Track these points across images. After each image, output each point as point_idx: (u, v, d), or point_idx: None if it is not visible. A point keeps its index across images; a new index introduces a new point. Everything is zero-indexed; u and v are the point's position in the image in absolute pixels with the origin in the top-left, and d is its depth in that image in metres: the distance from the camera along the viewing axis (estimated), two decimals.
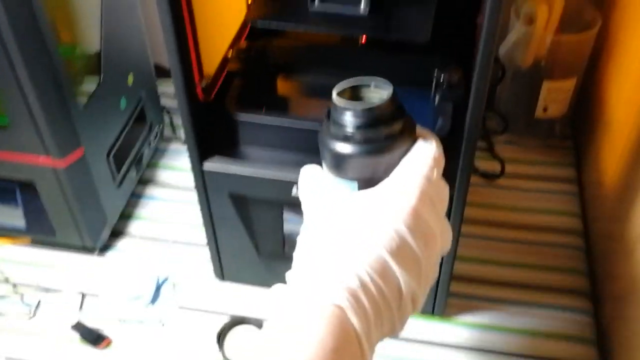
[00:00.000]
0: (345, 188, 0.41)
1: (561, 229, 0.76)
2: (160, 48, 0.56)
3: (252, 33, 0.68)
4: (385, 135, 0.40)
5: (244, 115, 0.59)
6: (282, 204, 0.62)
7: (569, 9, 0.76)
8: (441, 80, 0.58)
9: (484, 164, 0.84)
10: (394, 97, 0.40)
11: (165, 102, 0.90)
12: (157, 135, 0.84)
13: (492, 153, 0.84)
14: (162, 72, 0.83)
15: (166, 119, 0.90)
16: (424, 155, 0.40)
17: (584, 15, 0.78)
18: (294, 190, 0.59)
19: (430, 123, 0.59)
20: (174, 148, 0.89)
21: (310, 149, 0.59)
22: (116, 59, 0.71)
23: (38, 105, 0.59)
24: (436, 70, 0.58)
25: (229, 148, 0.61)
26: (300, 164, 0.59)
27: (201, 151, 0.59)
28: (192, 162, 0.60)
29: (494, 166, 0.83)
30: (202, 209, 0.65)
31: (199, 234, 0.71)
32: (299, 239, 0.42)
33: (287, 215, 0.64)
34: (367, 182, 0.41)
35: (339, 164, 0.41)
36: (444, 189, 0.42)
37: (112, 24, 0.69)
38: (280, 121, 0.59)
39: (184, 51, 0.53)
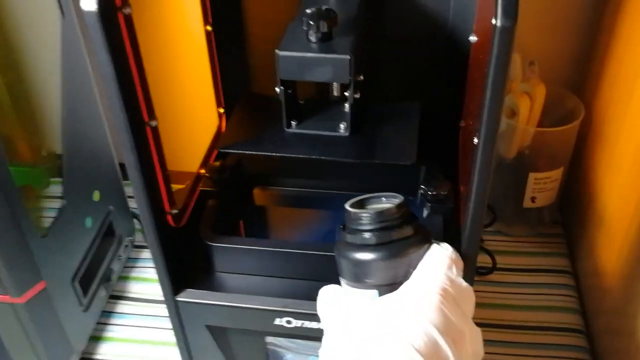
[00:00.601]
0: (367, 299, 0.42)
1: (561, 328, 0.72)
2: None
3: None
4: (400, 237, 0.42)
5: (220, 241, 0.55)
6: (265, 334, 0.57)
7: (550, 98, 0.74)
8: (429, 193, 0.55)
9: None
10: (404, 203, 0.43)
11: (134, 204, 0.85)
12: (127, 246, 0.79)
13: (482, 246, 0.80)
14: None
15: (137, 225, 0.85)
16: (441, 256, 0.42)
17: (566, 104, 0.76)
18: (277, 320, 0.54)
19: None
20: (146, 256, 0.84)
21: (293, 273, 0.55)
22: (80, 178, 0.66)
23: None
24: (423, 184, 0.55)
25: (205, 276, 0.56)
26: (283, 292, 0.55)
27: (174, 282, 0.55)
28: (165, 294, 0.55)
29: (484, 259, 0.79)
30: (177, 341, 0.59)
31: (176, 353, 0.65)
32: (320, 354, 0.42)
33: (270, 343, 0.59)
34: (388, 289, 0.42)
35: (358, 272, 0.42)
36: (467, 289, 0.42)
37: (74, 139, 0.65)
38: (260, 246, 0.54)
39: (151, 183, 0.49)
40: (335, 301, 0.44)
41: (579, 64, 0.80)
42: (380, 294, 0.42)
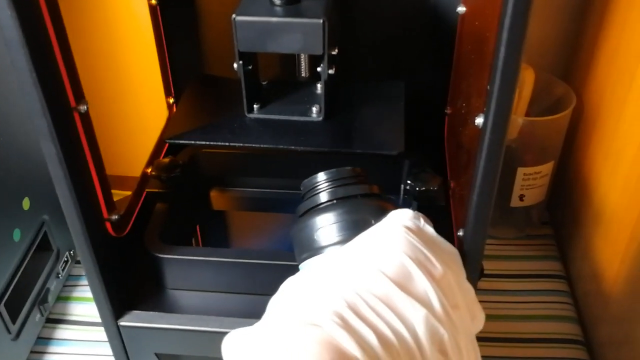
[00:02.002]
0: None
1: (558, 339, 0.65)
2: None
3: None
4: (356, 194, 0.39)
5: (171, 253, 0.46)
6: None
7: (536, 86, 0.68)
8: (416, 189, 0.47)
9: None
10: (360, 169, 0.41)
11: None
12: (67, 261, 0.69)
13: None
14: None
15: None
16: (404, 210, 0.37)
17: (553, 91, 0.70)
18: None
19: None
20: None
21: (258, 289, 0.47)
22: (3, 182, 0.56)
23: None
24: (409, 179, 0.47)
25: (154, 295, 0.47)
26: (247, 311, 0.46)
27: (115, 304, 0.45)
28: (104, 318, 0.46)
29: None
30: None
31: None
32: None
33: None
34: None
35: (314, 237, 0.38)
36: (443, 242, 0.37)
37: None
38: (218, 257, 0.45)
39: (83, 182, 0.40)
40: (299, 289, 0.35)
41: (565, 48, 0.74)
42: None
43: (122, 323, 0.46)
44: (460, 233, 0.40)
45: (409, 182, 0.47)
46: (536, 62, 0.69)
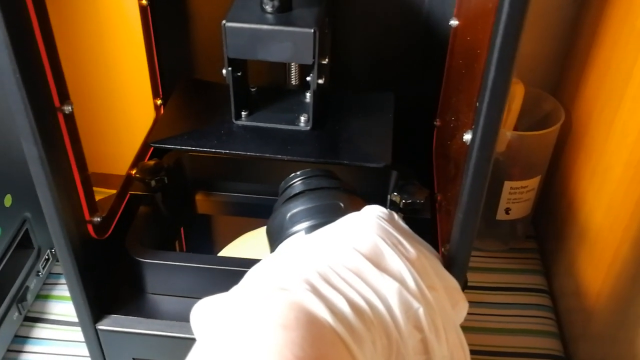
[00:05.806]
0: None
1: (539, 354, 0.65)
2: None
3: None
4: (329, 186, 0.40)
5: (152, 257, 0.45)
6: None
7: (528, 100, 0.68)
8: (402, 201, 0.47)
9: None
10: (331, 170, 0.42)
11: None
12: (48, 259, 0.68)
13: None
14: None
15: None
16: (377, 206, 0.37)
17: (542, 106, 0.70)
18: None
19: None
20: None
21: None
22: None
23: None
24: (396, 191, 0.47)
25: (134, 299, 0.47)
26: None
27: (94, 307, 0.45)
28: (82, 321, 0.46)
29: None
30: None
31: None
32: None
33: None
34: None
35: (289, 223, 0.39)
36: (418, 237, 0.37)
37: None
38: (200, 263, 0.45)
39: (65, 184, 0.39)
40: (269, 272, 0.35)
41: (556, 64, 0.74)
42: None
43: (100, 327, 0.46)
44: (446, 247, 0.40)
45: (395, 193, 0.46)
46: (526, 77, 0.69)
